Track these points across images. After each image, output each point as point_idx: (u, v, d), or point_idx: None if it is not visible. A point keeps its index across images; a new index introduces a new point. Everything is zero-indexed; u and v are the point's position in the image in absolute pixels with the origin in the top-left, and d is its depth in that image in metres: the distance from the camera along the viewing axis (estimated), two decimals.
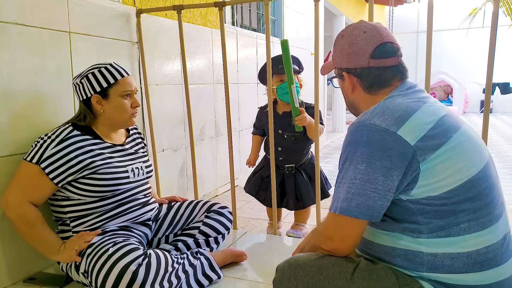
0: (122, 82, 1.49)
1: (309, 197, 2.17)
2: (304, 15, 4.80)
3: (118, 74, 1.49)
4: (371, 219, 0.94)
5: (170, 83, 2.48)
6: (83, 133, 1.47)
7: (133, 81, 1.54)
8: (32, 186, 1.39)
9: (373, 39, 1.06)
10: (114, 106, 1.49)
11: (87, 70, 1.49)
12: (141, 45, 2.17)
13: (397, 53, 1.07)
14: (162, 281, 1.29)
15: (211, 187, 3.03)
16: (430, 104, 1.00)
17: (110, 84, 1.47)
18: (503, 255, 0.94)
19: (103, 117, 1.51)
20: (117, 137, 1.59)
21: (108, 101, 1.48)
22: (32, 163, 1.38)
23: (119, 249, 1.31)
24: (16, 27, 1.50)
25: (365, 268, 0.99)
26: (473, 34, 8.88)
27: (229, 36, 3.13)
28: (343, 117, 7.15)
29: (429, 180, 0.91)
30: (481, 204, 0.92)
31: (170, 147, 2.51)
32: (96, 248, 1.35)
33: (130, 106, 1.52)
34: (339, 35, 1.13)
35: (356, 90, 1.10)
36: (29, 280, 1.54)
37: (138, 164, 1.59)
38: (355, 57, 1.07)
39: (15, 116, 1.51)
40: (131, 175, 1.52)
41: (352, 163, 0.95)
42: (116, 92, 1.48)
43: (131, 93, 1.53)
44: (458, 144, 0.94)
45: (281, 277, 1.06)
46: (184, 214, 1.72)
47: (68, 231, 1.47)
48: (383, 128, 0.93)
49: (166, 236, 1.68)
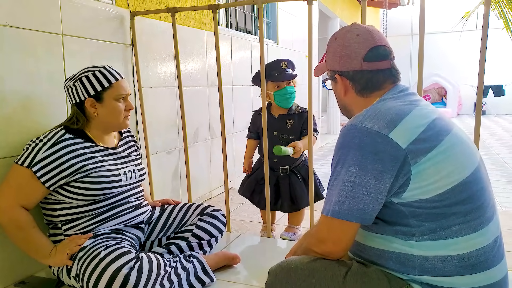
0: (116, 85, 1.48)
1: (303, 199, 2.18)
2: (298, 17, 4.81)
3: (112, 78, 1.48)
4: (363, 222, 0.95)
5: (164, 85, 2.48)
6: (75, 136, 1.46)
7: (127, 84, 1.54)
8: (23, 189, 1.37)
9: (366, 42, 1.06)
10: (108, 110, 1.48)
11: (80, 73, 1.48)
12: (134, 48, 2.16)
13: (390, 56, 1.08)
14: (155, 285, 1.28)
15: (205, 190, 3.02)
16: (422, 107, 1.00)
17: (105, 87, 1.46)
18: (494, 257, 0.94)
19: (97, 121, 1.50)
20: (109, 140, 1.58)
21: (102, 105, 1.47)
22: (23, 166, 1.36)
23: (111, 253, 1.30)
24: (8, 29, 1.49)
25: (357, 271, 0.99)
26: (466, 37, 8.94)
27: (223, 38, 3.13)
28: (337, 119, 7.17)
29: (420, 183, 0.91)
30: (472, 207, 0.93)
31: (163, 149, 2.50)
32: (88, 251, 1.34)
33: (124, 109, 1.52)
34: (332, 37, 1.14)
35: (349, 93, 1.11)
36: (19, 284, 1.52)
37: (130, 167, 1.58)
38: (348, 60, 1.07)
39: (6, 118, 1.50)
40: (123, 179, 1.52)
41: (344, 166, 0.95)
42: (110, 95, 1.47)
43: (125, 97, 1.52)
44: (449, 147, 0.94)
45: (273, 280, 1.06)
46: (177, 217, 1.71)
47: (59, 235, 1.46)
48: (375, 131, 0.93)
49: (159, 239, 1.67)
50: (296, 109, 2.22)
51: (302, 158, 2.26)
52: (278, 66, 2.13)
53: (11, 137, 1.52)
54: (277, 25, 4.31)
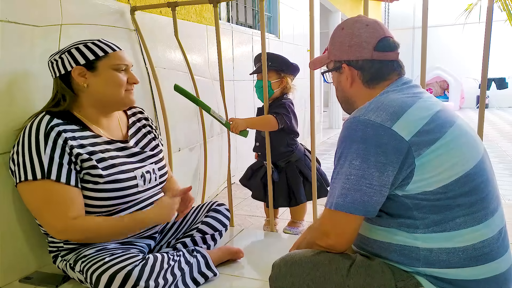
0: (113, 55, 1.27)
1: (301, 194, 2.15)
2: (299, 11, 4.78)
3: (109, 48, 1.28)
4: (366, 215, 0.94)
5: (177, 69, 2.37)
6: (65, 121, 1.21)
7: (127, 56, 1.32)
8: (58, 202, 1.17)
9: (375, 32, 1.06)
10: (104, 80, 1.24)
11: (69, 45, 1.26)
12: (139, 34, 2.11)
13: (397, 48, 1.09)
14: (158, 278, 1.26)
15: (215, 187, 3.00)
16: (425, 99, 1.00)
17: (99, 56, 1.25)
18: (498, 249, 0.94)
19: (88, 94, 1.24)
20: (112, 127, 1.35)
21: (95, 74, 1.23)
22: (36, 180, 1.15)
23: (116, 258, 1.22)
24: (8, 25, 1.48)
25: (361, 264, 0.99)
26: (469, 30, 8.89)
27: (224, 33, 3.11)
28: (339, 114, 7.15)
29: (424, 175, 0.91)
30: (476, 199, 0.92)
31: (186, 145, 2.37)
32: (92, 258, 1.25)
33: (126, 81, 1.28)
34: (338, 28, 1.13)
35: (355, 83, 1.10)
36: (24, 279, 1.52)
37: (149, 166, 1.32)
38: (358, 49, 1.06)
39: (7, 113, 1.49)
40: (140, 183, 1.27)
41: (347, 158, 0.95)
42: (106, 64, 1.25)
43: (126, 68, 1.29)
44: (453, 139, 0.94)
45: (277, 274, 1.05)
46: (189, 220, 1.64)
47: (59, 243, 1.35)
48: (378, 123, 0.92)
49: (168, 242, 1.59)
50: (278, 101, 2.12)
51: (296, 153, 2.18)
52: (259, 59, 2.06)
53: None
54: (278, 19, 4.29)
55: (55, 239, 1.35)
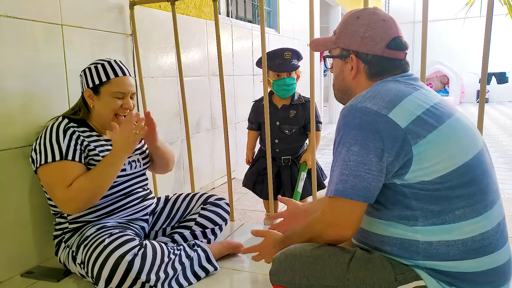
0: (114, 81, 1.46)
1: (305, 189, 2.18)
2: (299, 5, 4.76)
3: (113, 73, 1.47)
4: (366, 200, 0.94)
5: (165, 75, 2.46)
6: (79, 125, 1.48)
7: (130, 82, 1.50)
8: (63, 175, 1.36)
9: (390, 29, 1.05)
10: (102, 104, 1.47)
11: (92, 62, 1.50)
12: (135, 38, 2.15)
13: (407, 49, 1.08)
14: (158, 271, 1.29)
15: (208, 180, 3.03)
16: (424, 91, 1.00)
17: (102, 82, 1.46)
18: (498, 241, 0.94)
19: (94, 112, 1.50)
20: None
21: (98, 98, 1.47)
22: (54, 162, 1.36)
23: (115, 240, 1.31)
24: (7, 20, 1.48)
25: (361, 258, 0.99)
26: (469, 24, 8.84)
27: (224, 27, 3.11)
28: (339, 109, 7.14)
29: (422, 165, 0.91)
30: (475, 190, 0.93)
31: (166, 140, 2.50)
32: (92, 239, 1.36)
33: (121, 106, 1.48)
34: (352, 15, 1.09)
35: (359, 76, 1.08)
36: (26, 274, 1.54)
37: (134, 156, 1.59)
38: (371, 42, 1.05)
39: (7, 109, 1.49)
40: (127, 168, 1.52)
41: (345, 145, 0.95)
42: (107, 91, 1.46)
43: (124, 95, 1.48)
44: (451, 130, 0.94)
45: (277, 268, 1.06)
46: (181, 207, 1.72)
47: (65, 223, 1.48)
48: (374, 111, 0.93)
49: (163, 229, 1.68)
50: (299, 99, 2.21)
51: (304, 148, 2.26)
52: (281, 55, 2.11)
53: (13, 129, 1.51)
54: (278, 13, 4.27)
55: (62, 220, 1.48)
